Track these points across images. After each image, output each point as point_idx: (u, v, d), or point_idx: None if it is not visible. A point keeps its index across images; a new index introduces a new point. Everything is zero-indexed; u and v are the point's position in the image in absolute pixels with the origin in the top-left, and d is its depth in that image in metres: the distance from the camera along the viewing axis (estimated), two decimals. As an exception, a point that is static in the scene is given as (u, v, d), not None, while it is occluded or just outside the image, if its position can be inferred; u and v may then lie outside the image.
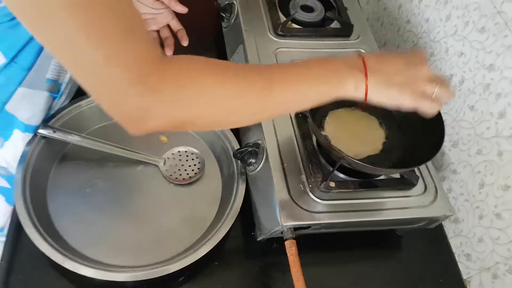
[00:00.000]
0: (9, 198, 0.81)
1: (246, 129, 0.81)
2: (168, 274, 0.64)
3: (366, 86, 0.53)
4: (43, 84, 0.70)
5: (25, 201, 0.67)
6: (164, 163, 0.80)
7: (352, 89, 0.54)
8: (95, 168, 0.78)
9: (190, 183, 0.79)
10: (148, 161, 0.79)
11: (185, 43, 0.83)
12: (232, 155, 0.77)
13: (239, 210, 0.72)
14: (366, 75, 0.53)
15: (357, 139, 0.76)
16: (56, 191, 0.74)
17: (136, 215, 0.75)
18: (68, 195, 0.74)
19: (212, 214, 0.76)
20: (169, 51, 0.82)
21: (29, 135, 0.73)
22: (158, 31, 0.84)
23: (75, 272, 0.62)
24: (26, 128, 0.72)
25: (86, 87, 0.44)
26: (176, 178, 0.79)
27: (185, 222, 0.75)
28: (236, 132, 0.83)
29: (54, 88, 0.72)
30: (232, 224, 0.70)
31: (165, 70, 0.44)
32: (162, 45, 0.84)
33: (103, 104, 0.45)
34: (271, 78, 0.51)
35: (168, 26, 0.85)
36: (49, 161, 0.77)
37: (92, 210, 0.73)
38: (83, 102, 0.80)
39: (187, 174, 0.80)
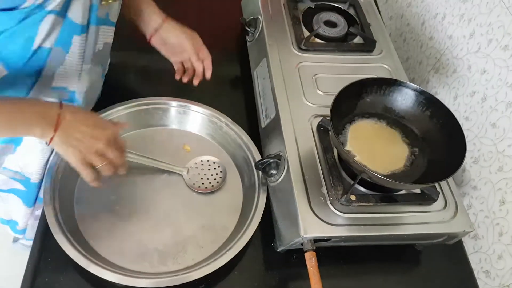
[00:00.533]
0: (26, 200, 0.85)
1: (268, 141, 0.83)
2: (189, 282, 0.66)
3: (51, 138, 0.61)
4: (50, 92, 0.73)
5: (54, 207, 0.70)
6: (188, 172, 0.82)
7: (39, 136, 0.61)
8: (120, 177, 0.80)
9: (212, 192, 0.81)
10: (171, 170, 0.82)
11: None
12: (253, 165, 0.79)
13: (259, 220, 0.73)
14: (55, 130, 0.61)
15: (380, 154, 0.76)
16: (83, 199, 0.77)
17: (158, 223, 0.77)
18: (94, 203, 0.77)
19: (233, 223, 0.78)
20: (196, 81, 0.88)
21: (40, 144, 0.76)
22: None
23: (99, 277, 0.64)
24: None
25: None
26: (199, 187, 0.81)
27: (206, 231, 0.77)
28: (258, 143, 0.85)
29: (63, 95, 0.75)
30: (253, 234, 0.72)
31: None
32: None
33: None
34: None
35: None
36: (74, 175, 0.78)
37: (116, 217, 0.76)
38: (109, 112, 0.83)
39: (210, 183, 0.82)
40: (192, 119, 0.89)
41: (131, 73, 0.99)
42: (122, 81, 0.98)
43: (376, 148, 0.76)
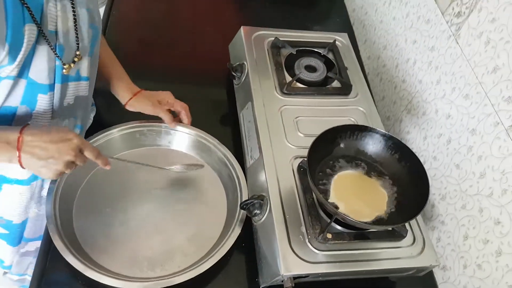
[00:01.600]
0: (10, 240, 0.91)
1: (253, 180, 0.90)
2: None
3: (19, 159, 0.65)
4: None
5: (55, 218, 0.78)
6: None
7: (7, 161, 0.65)
8: (115, 192, 0.89)
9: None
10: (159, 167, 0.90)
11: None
12: (237, 183, 0.89)
13: (239, 231, 0.81)
14: (19, 155, 0.65)
15: (363, 201, 0.83)
16: (81, 211, 0.85)
17: (149, 233, 0.84)
18: (91, 214, 0.85)
19: (217, 234, 0.85)
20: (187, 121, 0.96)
21: (19, 187, 0.81)
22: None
23: (95, 281, 0.72)
24: (16, 181, 0.81)
25: None
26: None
27: (192, 241, 0.84)
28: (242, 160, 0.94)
29: None
30: (236, 266, 0.81)
31: None
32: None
33: None
34: None
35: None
36: (75, 186, 0.87)
37: (110, 227, 0.84)
38: (106, 133, 0.93)
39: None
40: (183, 140, 0.98)
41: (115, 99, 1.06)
42: (114, 105, 1.06)
43: (359, 196, 0.83)
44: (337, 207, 0.79)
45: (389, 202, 0.83)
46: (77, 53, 0.73)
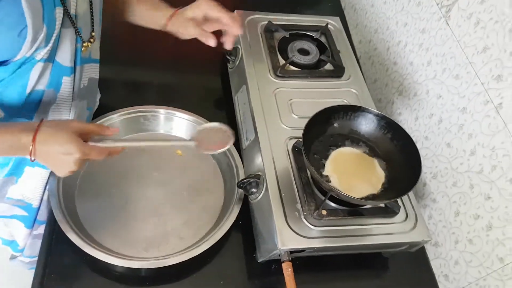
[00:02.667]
0: (27, 223, 0.92)
1: (248, 160, 0.91)
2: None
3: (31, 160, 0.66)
4: None
5: (59, 199, 0.80)
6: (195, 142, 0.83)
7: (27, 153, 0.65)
8: (116, 174, 0.90)
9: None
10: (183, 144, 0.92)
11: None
12: (235, 172, 0.89)
13: (234, 219, 0.82)
14: (31, 157, 0.65)
15: (358, 179, 0.84)
16: (83, 192, 0.87)
17: (146, 215, 0.86)
18: (92, 196, 0.87)
19: (212, 220, 0.87)
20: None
21: (41, 169, 0.82)
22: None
23: (96, 258, 0.74)
24: (38, 164, 0.81)
25: None
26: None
27: (188, 225, 0.86)
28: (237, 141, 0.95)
29: None
30: (234, 242, 0.84)
31: None
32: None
33: None
34: None
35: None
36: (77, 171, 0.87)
37: (110, 208, 0.86)
38: (107, 118, 0.94)
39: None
40: (185, 127, 0.98)
41: (121, 85, 1.07)
42: (115, 92, 1.06)
43: (354, 173, 0.85)
44: (329, 182, 0.80)
45: (385, 179, 0.84)
46: (92, 34, 0.75)
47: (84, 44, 0.73)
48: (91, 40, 0.75)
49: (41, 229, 0.96)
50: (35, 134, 0.64)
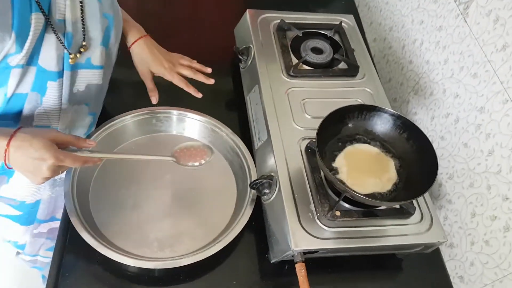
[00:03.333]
0: (22, 221, 0.92)
1: (261, 161, 0.90)
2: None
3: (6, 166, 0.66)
4: None
5: (73, 199, 0.80)
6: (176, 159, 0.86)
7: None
8: (129, 175, 0.91)
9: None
10: (161, 159, 0.88)
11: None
12: (248, 172, 0.89)
13: (247, 219, 0.82)
14: (5, 161, 0.65)
15: (367, 175, 0.83)
16: (97, 193, 0.87)
17: (159, 216, 0.86)
18: (106, 196, 0.87)
19: (225, 221, 0.86)
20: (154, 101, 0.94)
21: None
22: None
23: (109, 258, 0.74)
24: None
25: None
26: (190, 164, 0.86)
27: (201, 226, 0.86)
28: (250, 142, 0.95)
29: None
30: (247, 242, 0.83)
31: None
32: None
33: None
34: None
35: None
36: (92, 168, 0.89)
37: (123, 209, 0.86)
38: (121, 119, 0.94)
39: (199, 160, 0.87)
40: (197, 128, 0.99)
41: (132, 86, 1.06)
42: (123, 93, 1.07)
43: (365, 170, 0.84)
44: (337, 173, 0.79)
45: (397, 180, 0.83)
46: (83, 43, 0.74)
47: (71, 55, 0.72)
48: (82, 48, 0.74)
49: (41, 228, 0.97)
50: (10, 139, 0.64)
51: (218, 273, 0.82)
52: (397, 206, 0.83)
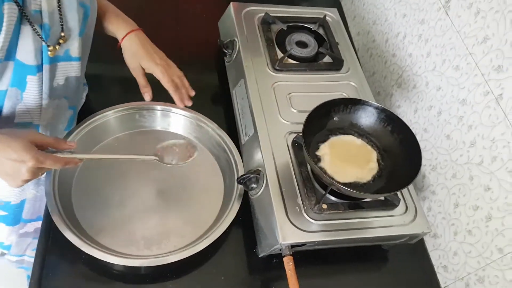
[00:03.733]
0: (8, 221, 0.90)
1: (248, 156, 0.90)
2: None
3: None
4: (17, 127, 0.76)
5: (55, 198, 0.78)
6: (159, 156, 0.86)
7: None
8: (113, 172, 0.89)
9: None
10: (143, 158, 0.88)
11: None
12: (235, 168, 0.89)
13: (234, 215, 0.82)
14: None
15: (349, 164, 0.84)
16: (80, 191, 0.85)
17: (145, 213, 0.85)
18: (89, 194, 0.85)
19: (212, 218, 0.86)
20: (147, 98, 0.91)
21: None
22: None
23: (93, 257, 0.73)
24: None
25: None
26: (173, 162, 0.86)
27: (188, 223, 0.85)
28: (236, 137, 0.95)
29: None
30: (235, 238, 0.83)
31: None
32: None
33: None
34: None
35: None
36: (72, 168, 0.87)
37: (109, 207, 0.85)
38: (102, 115, 0.92)
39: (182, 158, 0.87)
40: (182, 123, 0.97)
41: (114, 81, 1.05)
42: (107, 88, 1.04)
43: (348, 160, 0.85)
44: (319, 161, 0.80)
45: (379, 170, 0.84)
46: (62, 34, 0.71)
47: (49, 48, 0.70)
48: (61, 40, 0.71)
49: (27, 228, 0.95)
50: None
51: (206, 270, 0.82)
52: (382, 198, 0.84)
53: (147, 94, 0.90)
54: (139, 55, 0.87)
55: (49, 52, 0.70)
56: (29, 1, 0.63)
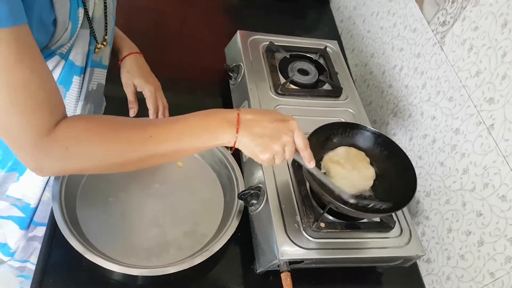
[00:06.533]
0: (23, 225, 0.92)
1: (249, 173, 0.93)
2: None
3: (236, 138, 0.64)
4: None
5: (61, 204, 0.80)
6: None
7: (226, 142, 0.65)
8: (118, 183, 0.91)
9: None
10: None
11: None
12: (235, 184, 0.91)
13: (234, 230, 0.83)
14: (237, 130, 0.64)
15: (350, 174, 0.86)
16: (84, 200, 0.87)
17: (146, 225, 0.87)
18: (93, 203, 0.87)
19: (212, 232, 0.88)
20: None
21: None
22: None
23: (95, 264, 0.74)
24: None
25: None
26: None
27: (188, 236, 0.87)
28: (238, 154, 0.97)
29: None
30: (233, 253, 0.85)
31: (55, 136, 0.59)
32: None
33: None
34: (149, 134, 0.63)
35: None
36: (80, 175, 0.89)
37: (112, 217, 0.86)
38: None
39: None
40: None
41: (120, 105, 1.08)
42: (115, 111, 1.07)
43: (346, 168, 0.87)
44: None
45: (377, 194, 0.87)
46: (106, 37, 0.78)
47: (98, 45, 0.76)
48: (104, 43, 0.79)
49: (36, 231, 0.96)
50: (237, 108, 0.66)
51: (204, 283, 0.82)
52: (378, 220, 0.86)
53: (133, 110, 0.94)
54: (133, 72, 0.93)
55: (96, 51, 0.76)
56: (88, 7, 0.70)
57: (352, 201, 0.77)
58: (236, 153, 0.98)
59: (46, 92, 0.57)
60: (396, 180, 0.87)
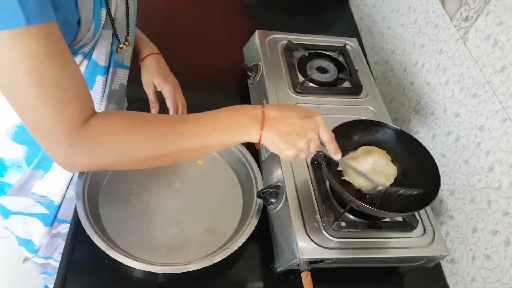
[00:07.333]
0: (47, 221, 0.93)
1: (268, 172, 0.93)
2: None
3: (260, 136, 0.64)
4: None
5: (84, 202, 0.81)
6: None
7: (253, 138, 0.65)
8: (140, 181, 0.92)
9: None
10: None
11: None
12: (254, 183, 0.91)
13: (253, 229, 0.83)
14: (262, 127, 0.64)
15: (372, 169, 0.85)
16: (107, 197, 0.89)
17: (166, 223, 0.87)
18: (115, 201, 0.88)
19: (231, 230, 0.88)
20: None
21: None
22: None
23: (117, 261, 0.75)
24: None
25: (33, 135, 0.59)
26: None
27: (208, 233, 0.87)
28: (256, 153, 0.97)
29: None
30: (252, 252, 0.85)
31: (86, 130, 0.59)
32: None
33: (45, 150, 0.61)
34: (182, 131, 0.64)
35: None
36: (103, 173, 0.91)
37: (133, 214, 0.87)
38: None
39: None
40: None
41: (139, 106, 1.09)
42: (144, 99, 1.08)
43: (365, 167, 0.85)
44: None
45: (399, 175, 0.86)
46: (127, 38, 0.80)
47: (119, 45, 0.78)
48: (126, 43, 0.80)
49: (60, 228, 0.98)
50: (262, 104, 0.66)
51: (223, 281, 0.83)
52: (400, 219, 0.85)
53: (154, 110, 0.95)
54: (153, 73, 0.94)
55: (118, 51, 0.78)
56: (110, 8, 0.71)
57: (380, 188, 0.78)
58: (255, 152, 0.98)
59: (77, 87, 0.58)
60: (419, 178, 0.85)
